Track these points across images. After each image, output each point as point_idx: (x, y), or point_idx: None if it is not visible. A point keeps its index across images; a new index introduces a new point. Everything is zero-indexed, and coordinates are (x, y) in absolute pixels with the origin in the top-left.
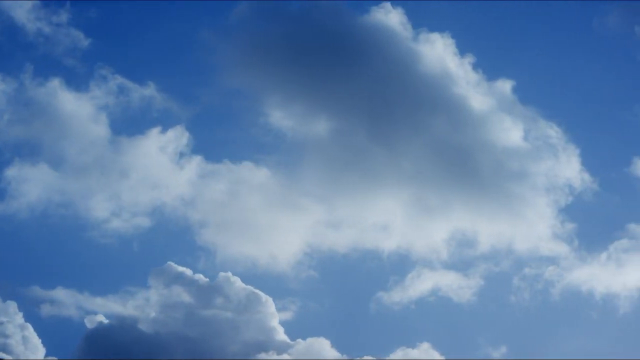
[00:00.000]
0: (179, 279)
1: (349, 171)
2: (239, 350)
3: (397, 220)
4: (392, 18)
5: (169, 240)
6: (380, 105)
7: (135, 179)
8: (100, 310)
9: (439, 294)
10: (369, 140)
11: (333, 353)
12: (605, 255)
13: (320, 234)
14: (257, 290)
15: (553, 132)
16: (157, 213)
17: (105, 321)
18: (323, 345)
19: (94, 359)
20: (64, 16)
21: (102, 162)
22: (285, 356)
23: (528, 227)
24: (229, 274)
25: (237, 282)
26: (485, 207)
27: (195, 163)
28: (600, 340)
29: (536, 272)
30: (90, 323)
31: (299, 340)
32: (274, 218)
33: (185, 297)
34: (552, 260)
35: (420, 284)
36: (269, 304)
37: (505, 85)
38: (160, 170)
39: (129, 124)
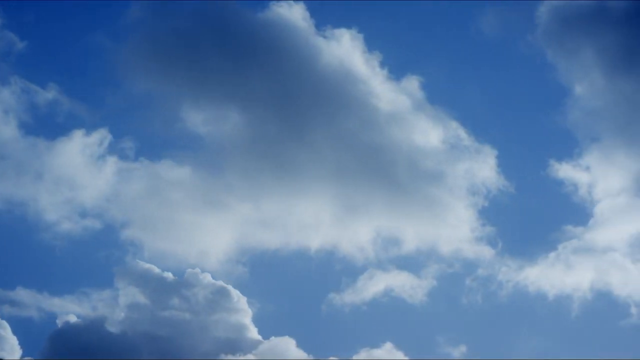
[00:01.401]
0: (146, 276)
1: (271, 169)
2: (208, 350)
3: (324, 219)
4: (294, 14)
5: (106, 240)
6: (293, 103)
7: (57, 181)
8: (63, 310)
9: (391, 295)
10: (287, 138)
11: (300, 353)
12: (529, 258)
13: (248, 232)
14: (228, 286)
15: (464, 133)
16: (88, 214)
17: (72, 321)
18: (289, 344)
19: (70, 359)
20: None
21: (17, 165)
22: (249, 356)
23: (450, 229)
24: (198, 270)
25: (207, 278)
26: (407, 208)
27: (114, 164)
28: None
29: (465, 273)
30: (61, 323)
31: (273, 338)
32: (200, 216)
33: (152, 296)
34: (477, 263)
35: (368, 285)
36: (241, 301)
37: (414, 84)
38: (81, 171)
39: (39, 127)
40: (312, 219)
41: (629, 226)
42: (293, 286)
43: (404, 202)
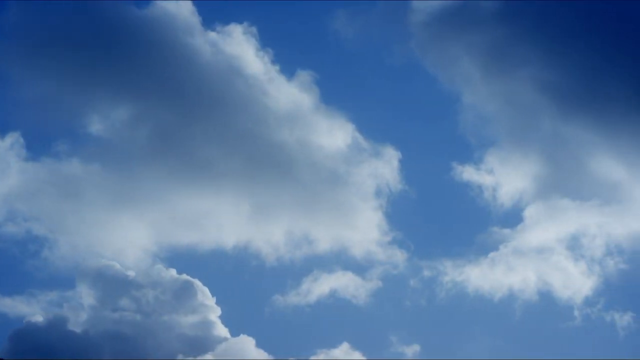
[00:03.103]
0: (107, 274)
1: (177, 167)
2: (175, 348)
3: (238, 217)
4: (181, 11)
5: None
6: (186, 101)
7: None
8: (22, 311)
9: (332, 297)
10: (185, 136)
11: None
12: (448, 260)
13: (163, 229)
14: (195, 280)
15: (360, 135)
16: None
17: (34, 321)
18: (249, 344)
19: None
20: None
21: None
22: (207, 356)
23: (359, 231)
24: (161, 266)
25: (171, 274)
26: (315, 208)
27: (16, 164)
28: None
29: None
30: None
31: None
32: (113, 214)
33: (117, 294)
34: (390, 264)
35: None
36: (207, 296)
37: (307, 82)
38: None
39: None
40: (225, 217)
41: (557, 228)
42: (221, 286)
43: (311, 203)
